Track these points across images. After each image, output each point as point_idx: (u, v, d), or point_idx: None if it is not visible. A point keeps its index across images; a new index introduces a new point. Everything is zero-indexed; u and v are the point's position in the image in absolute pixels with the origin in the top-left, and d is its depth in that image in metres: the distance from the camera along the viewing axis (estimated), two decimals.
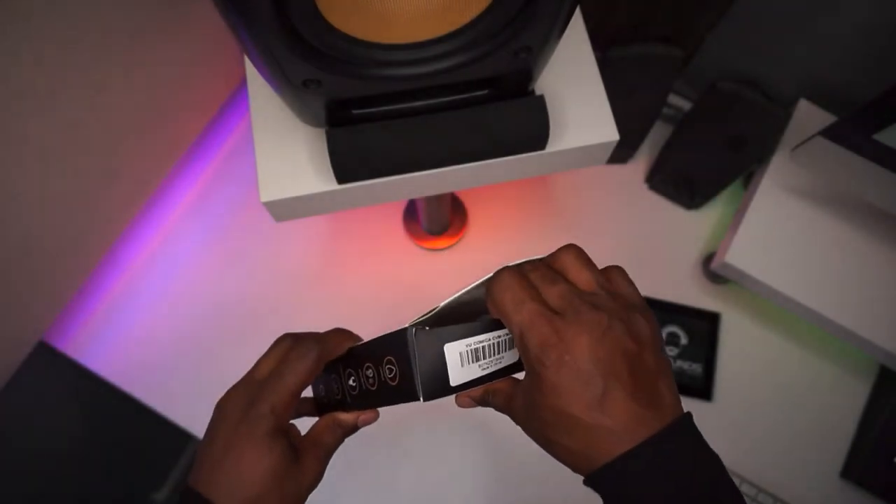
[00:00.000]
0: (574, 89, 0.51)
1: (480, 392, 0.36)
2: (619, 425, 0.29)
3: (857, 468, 0.73)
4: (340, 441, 0.39)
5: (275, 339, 0.41)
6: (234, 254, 0.81)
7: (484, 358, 0.34)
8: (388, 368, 0.34)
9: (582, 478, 0.32)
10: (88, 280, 0.74)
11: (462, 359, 0.33)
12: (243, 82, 0.82)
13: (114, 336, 0.77)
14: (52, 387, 0.80)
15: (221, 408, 0.37)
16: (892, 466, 0.72)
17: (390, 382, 0.34)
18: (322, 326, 0.42)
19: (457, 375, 0.33)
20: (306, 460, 0.36)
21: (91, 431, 0.81)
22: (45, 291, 0.69)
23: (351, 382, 0.38)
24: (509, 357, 0.35)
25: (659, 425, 0.29)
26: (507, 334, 0.35)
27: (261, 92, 0.50)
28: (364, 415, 0.39)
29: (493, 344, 0.34)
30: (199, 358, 0.77)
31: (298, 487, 0.35)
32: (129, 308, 0.79)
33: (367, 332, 0.41)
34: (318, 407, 0.44)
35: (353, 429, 0.40)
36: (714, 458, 0.30)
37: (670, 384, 0.31)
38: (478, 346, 0.34)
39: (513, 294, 0.31)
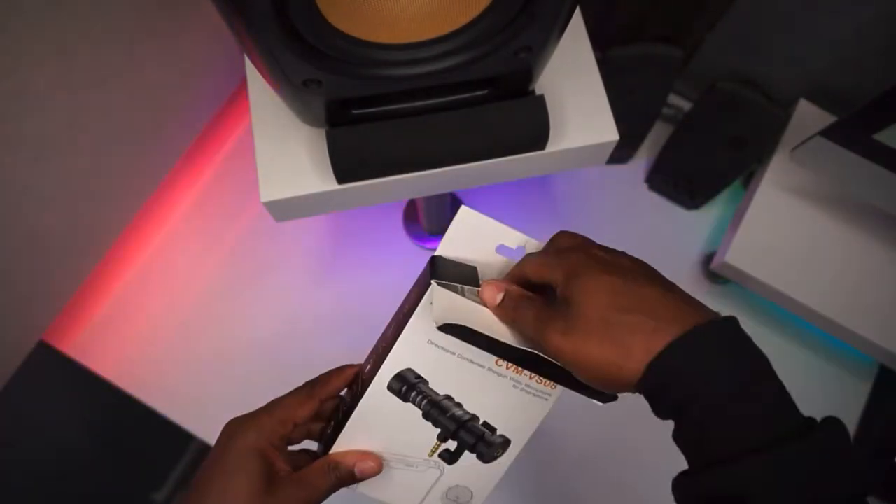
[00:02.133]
0: (574, 89, 0.51)
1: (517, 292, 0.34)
2: (685, 299, 0.31)
3: None
4: (333, 488, 0.36)
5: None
6: (233, 254, 0.81)
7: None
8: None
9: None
10: (88, 280, 0.74)
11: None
12: (243, 82, 0.82)
13: (114, 336, 0.77)
14: (52, 387, 0.80)
15: (219, 436, 0.37)
16: (893, 466, 0.72)
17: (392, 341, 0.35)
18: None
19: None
20: (284, 498, 0.34)
21: (91, 431, 0.80)
22: (45, 291, 0.69)
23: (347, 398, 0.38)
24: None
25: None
26: None
27: (261, 92, 0.50)
28: (364, 462, 0.37)
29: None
30: (198, 358, 0.77)
31: None
32: (130, 308, 0.79)
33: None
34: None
35: (350, 476, 0.37)
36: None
37: None
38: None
39: (537, 256, 0.34)
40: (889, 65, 0.65)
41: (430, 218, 0.77)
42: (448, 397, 0.36)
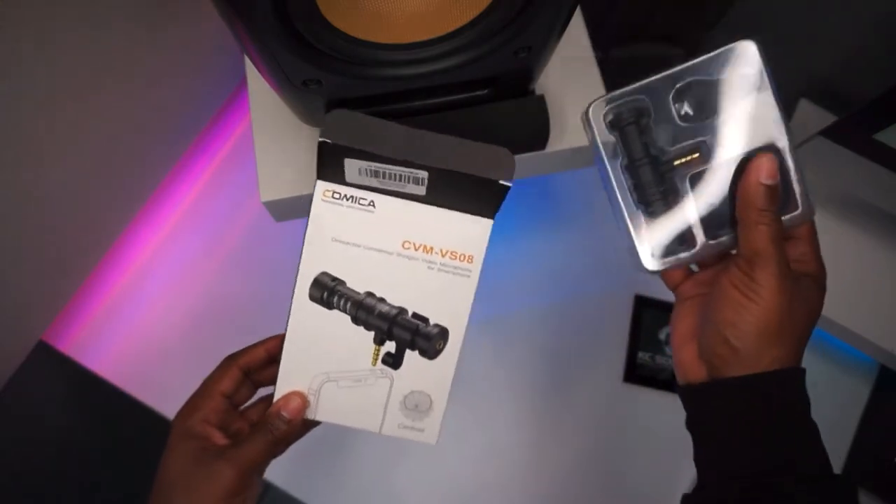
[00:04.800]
0: (574, 89, 0.51)
1: None
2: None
3: (857, 468, 0.73)
4: (272, 445, 0.36)
5: None
6: (234, 254, 0.81)
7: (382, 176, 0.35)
8: None
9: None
10: (88, 280, 0.74)
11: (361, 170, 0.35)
12: (243, 82, 0.82)
13: (114, 336, 0.77)
14: (52, 387, 0.80)
15: None
16: (893, 466, 0.72)
17: None
18: None
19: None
20: (216, 469, 0.34)
21: (91, 431, 0.80)
22: (45, 291, 0.69)
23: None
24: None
25: None
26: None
27: (261, 92, 0.50)
28: (287, 403, 0.36)
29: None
30: (199, 358, 0.76)
31: (198, 496, 0.34)
32: (130, 308, 0.79)
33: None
34: None
35: (284, 423, 0.36)
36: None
37: None
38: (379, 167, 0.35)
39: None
40: (889, 65, 0.65)
41: None
42: (370, 294, 0.37)
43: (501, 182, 0.35)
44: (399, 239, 0.36)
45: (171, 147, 0.76)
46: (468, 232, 0.36)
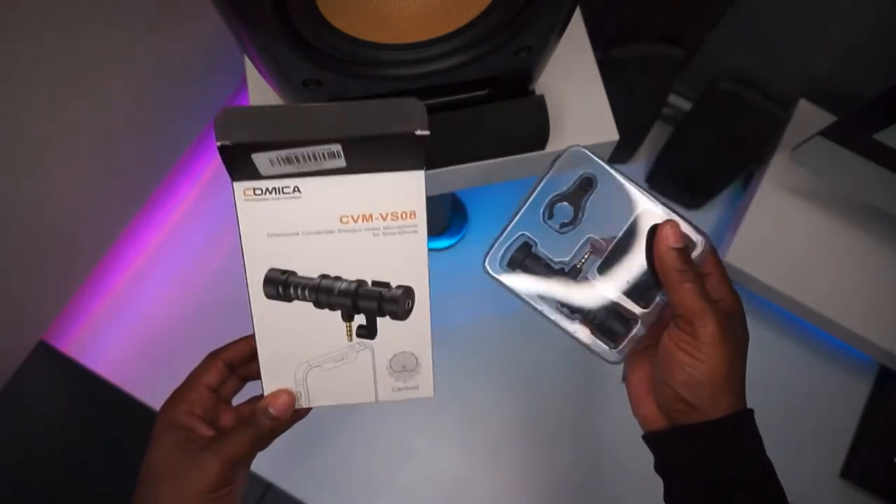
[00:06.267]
0: (574, 89, 0.51)
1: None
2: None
3: (857, 468, 0.73)
4: (257, 439, 0.36)
5: None
6: (234, 254, 0.81)
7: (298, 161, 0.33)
8: None
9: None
10: (88, 280, 0.74)
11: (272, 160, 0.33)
12: (243, 82, 0.82)
13: (114, 336, 0.77)
14: (52, 387, 0.80)
15: None
16: (892, 466, 0.72)
17: None
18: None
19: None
20: (206, 458, 0.34)
21: (91, 431, 0.81)
22: (45, 291, 0.69)
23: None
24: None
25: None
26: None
27: (261, 92, 0.50)
28: (275, 400, 0.36)
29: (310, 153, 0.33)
30: (199, 357, 0.77)
31: (183, 487, 0.34)
32: (129, 308, 0.79)
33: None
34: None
35: (270, 419, 0.36)
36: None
37: None
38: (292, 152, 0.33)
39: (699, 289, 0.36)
40: (889, 65, 0.65)
41: (430, 218, 0.77)
42: (324, 276, 0.36)
43: (417, 133, 0.33)
44: (335, 216, 0.35)
45: (171, 147, 0.76)
46: (402, 189, 0.36)
